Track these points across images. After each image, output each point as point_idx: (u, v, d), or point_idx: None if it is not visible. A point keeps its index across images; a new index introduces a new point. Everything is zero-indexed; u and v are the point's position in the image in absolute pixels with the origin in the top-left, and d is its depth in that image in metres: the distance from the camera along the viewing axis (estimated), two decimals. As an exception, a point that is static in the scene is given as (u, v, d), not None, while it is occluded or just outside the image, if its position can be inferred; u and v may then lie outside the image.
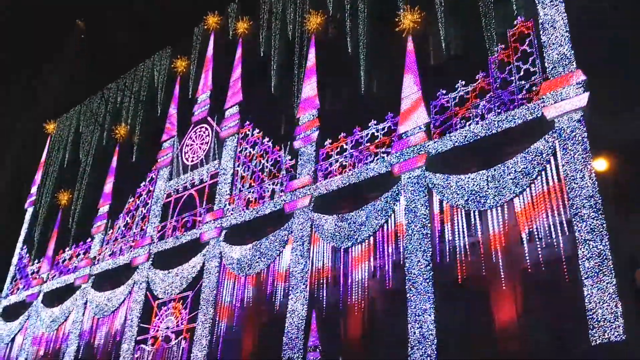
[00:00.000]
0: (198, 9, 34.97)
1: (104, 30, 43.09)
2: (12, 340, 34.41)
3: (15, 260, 38.55)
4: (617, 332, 13.93)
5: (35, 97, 47.95)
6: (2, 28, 46.62)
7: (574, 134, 16.78)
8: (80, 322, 30.10)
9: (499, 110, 18.82)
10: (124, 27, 43.52)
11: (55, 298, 32.93)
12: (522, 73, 18.92)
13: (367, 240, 20.27)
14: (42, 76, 48.77)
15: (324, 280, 21.00)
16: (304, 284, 21.09)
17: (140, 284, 27.95)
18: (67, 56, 48.76)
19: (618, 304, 14.12)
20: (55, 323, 31.55)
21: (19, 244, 39.26)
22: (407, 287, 18.19)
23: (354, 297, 20.01)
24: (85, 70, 44.64)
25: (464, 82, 20.09)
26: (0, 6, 46.83)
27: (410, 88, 21.41)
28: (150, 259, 28.23)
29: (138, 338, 26.72)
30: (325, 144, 23.48)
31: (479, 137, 18.76)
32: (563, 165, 16.57)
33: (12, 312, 35.68)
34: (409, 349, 17.20)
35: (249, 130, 27.49)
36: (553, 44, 18.34)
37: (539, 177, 17.06)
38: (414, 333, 17.32)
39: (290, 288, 21.37)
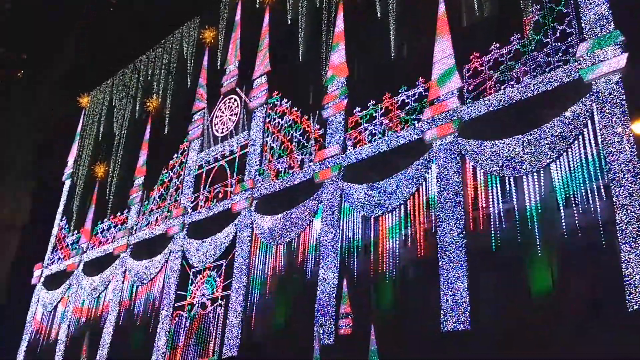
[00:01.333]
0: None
1: (131, 1, 43.08)
2: (55, 308, 35.72)
3: (55, 231, 39.76)
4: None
5: (65, 70, 48.57)
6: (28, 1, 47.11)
7: (612, 96, 16.19)
8: (120, 290, 31.03)
9: (535, 73, 18.23)
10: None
11: (94, 267, 33.97)
12: (558, 34, 18.20)
13: (397, 209, 20.14)
14: (70, 49, 49.26)
15: (355, 249, 21.04)
16: (334, 253, 21.18)
17: (176, 253, 28.56)
18: (95, 29, 49.07)
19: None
20: (96, 291, 32.60)
21: (58, 216, 40.43)
22: (439, 255, 18.08)
23: (384, 266, 20.02)
24: (115, 43, 44.87)
25: (498, 45, 19.48)
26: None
27: (442, 52, 20.84)
28: (185, 229, 28.74)
29: (175, 305, 27.44)
30: (354, 112, 23.22)
31: (513, 101, 18.25)
32: (601, 129, 16.04)
33: (54, 281, 36.98)
34: (442, 317, 17.17)
35: (277, 100, 27.38)
36: (590, 3, 17.54)
37: (576, 142, 16.58)
38: (447, 301, 17.26)
39: (321, 257, 21.49)
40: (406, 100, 21.65)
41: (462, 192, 18.53)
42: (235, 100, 30.35)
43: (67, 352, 32.73)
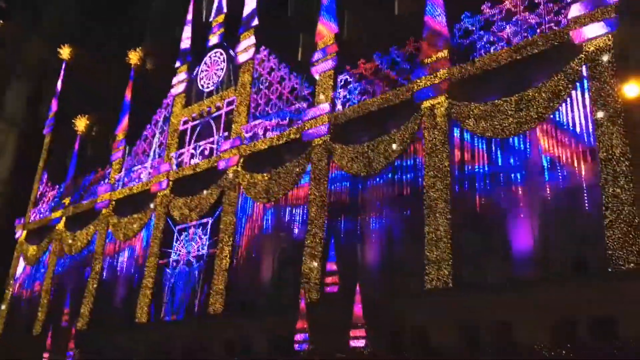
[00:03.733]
0: None
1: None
2: (37, 262, 35.62)
3: (36, 185, 39.27)
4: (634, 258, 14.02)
5: (46, 22, 47.16)
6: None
7: (602, 59, 16.21)
8: (103, 246, 30.96)
9: (526, 34, 18.16)
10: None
11: (77, 223, 33.77)
12: (550, -5, 18.08)
13: (386, 169, 20.22)
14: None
15: (342, 209, 21.16)
16: (322, 211, 21.29)
17: (160, 209, 28.43)
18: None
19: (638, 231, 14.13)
20: (78, 247, 32.50)
21: (39, 170, 39.86)
22: (425, 214, 18.29)
23: (371, 225, 20.20)
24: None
25: (489, 4, 19.29)
26: None
27: (433, 11, 20.59)
28: (169, 186, 28.56)
29: (160, 262, 27.50)
30: (343, 70, 22.98)
31: (504, 62, 18.20)
32: (591, 92, 16.11)
33: (36, 236, 36.76)
34: (425, 275, 17.50)
35: (264, 56, 26.92)
36: (583, -37, 17.36)
37: (564, 104, 16.67)
38: (430, 259, 17.56)
39: (309, 215, 21.59)
40: (396, 60, 21.44)
41: (448, 153, 18.62)
42: (222, 54, 29.78)
43: (50, 306, 32.82)
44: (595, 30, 16.49)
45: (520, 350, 14.40)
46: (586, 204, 15.79)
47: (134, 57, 35.74)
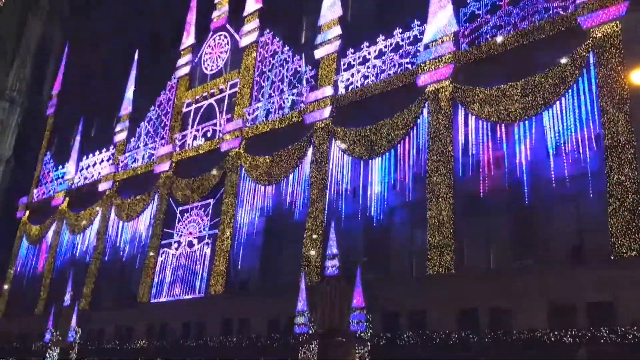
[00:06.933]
0: None
1: None
2: (40, 242, 35.74)
3: (39, 165, 39.31)
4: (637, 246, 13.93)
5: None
6: None
7: (610, 45, 16.02)
8: (106, 226, 31.03)
9: (532, 19, 17.93)
10: None
11: (80, 203, 33.82)
12: (559, -21, 17.81)
13: (387, 153, 20.12)
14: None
15: (343, 192, 21.11)
16: (323, 194, 21.23)
17: (163, 190, 28.44)
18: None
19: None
20: (81, 227, 32.56)
21: (43, 149, 39.86)
22: (427, 199, 18.19)
23: (373, 209, 20.16)
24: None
25: (497, -12, 19.07)
26: None
27: (439, -6, 20.35)
28: (172, 167, 28.53)
29: (162, 242, 27.56)
30: (347, 53, 22.81)
31: (510, 47, 18.01)
32: (598, 79, 15.93)
33: (39, 216, 36.84)
34: (427, 260, 17.45)
35: (268, 38, 26.73)
36: (593, -52, 17.08)
37: (570, 90, 16.50)
38: (432, 244, 17.48)
39: (310, 198, 21.55)
40: (400, 43, 21.25)
41: (451, 137, 18.48)
42: (226, 37, 29.59)
43: (52, 286, 32.97)
44: (603, 16, 16.27)
45: (520, 335, 14.39)
46: (590, 191, 15.65)
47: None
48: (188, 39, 31.72)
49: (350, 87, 22.17)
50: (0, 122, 44.40)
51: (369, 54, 22.07)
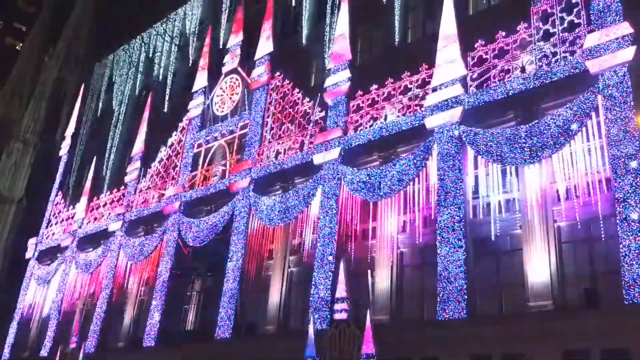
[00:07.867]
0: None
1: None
2: (48, 283, 35.65)
3: (50, 206, 39.57)
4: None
5: (61, 45, 48.13)
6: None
7: (618, 89, 16.07)
8: (114, 267, 30.95)
9: (540, 64, 18.09)
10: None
11: (89, 243, 33.87)
12: (565, 25, 18.01)
13: (397, 194, 20.08)
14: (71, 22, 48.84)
15: (353, 233, 20.99)
16: (332, 236, 21.12)
17: (172, 231, 28.44)
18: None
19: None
20: (90, 267, 32.50)
21: (54, 190, 40.21)
22: (437, 241, 18.04)
23: (382, 251, 19.99)
24: (117, 18, 44.49)
25: (504, 33, 19.27)
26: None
27: (447, 39, 20.63)
28: (181, 207, 28.60)
29: (170, 283, 27.37)
30: (355, 95, 23.06)
31: (517, 90, 18.12)
32: (605, 123, 15.94)
33: (48, 256, 36.89)
34: (439, 304, 17.16)
35: (279, 81, 27.13)
36: (599, -6, 17.36)
37: (579, 134, 16.50)
38: (444, 288, 17.23)
39: (319, 239, 21.44)
40: (409, 86, 21.48)
41: (462, 180, 18.45)
42: (237, 79, 30.07)
43: (60, 327, 32.73)
44: (611, 60, 16.36)
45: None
46: (602, 235, 15.45)
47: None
48: (200, 81, 32.26)
49: (359, 129, 22.32)
50: (13, 163, 44.96)
51: (377, 96, 22.29)
